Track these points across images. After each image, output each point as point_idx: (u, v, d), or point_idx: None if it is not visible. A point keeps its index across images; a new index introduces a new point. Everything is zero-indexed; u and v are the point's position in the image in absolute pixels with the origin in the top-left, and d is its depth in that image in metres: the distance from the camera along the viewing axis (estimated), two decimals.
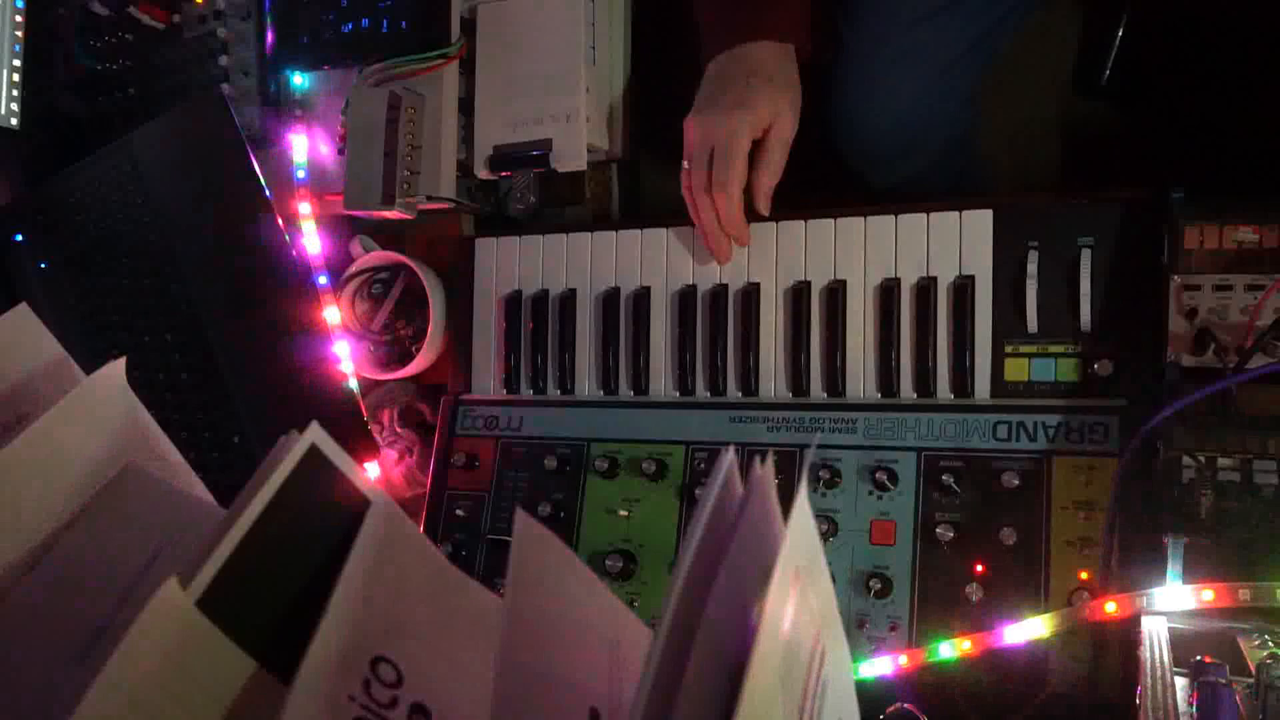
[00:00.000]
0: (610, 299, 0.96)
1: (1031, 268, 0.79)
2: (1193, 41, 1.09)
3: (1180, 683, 0.56)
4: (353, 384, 1.07)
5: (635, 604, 0.87)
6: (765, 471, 0.36)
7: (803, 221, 0.89)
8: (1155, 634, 0.61)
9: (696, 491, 0.87)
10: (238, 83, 1.18)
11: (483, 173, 1.03)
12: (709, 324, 0.91)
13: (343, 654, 0.36)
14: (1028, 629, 0.70)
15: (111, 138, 1.18)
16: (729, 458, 0.35)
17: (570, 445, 0.94)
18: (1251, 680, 0.54)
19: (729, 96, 0.85)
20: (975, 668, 0.73)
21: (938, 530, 0.77)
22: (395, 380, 1.09)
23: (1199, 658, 0.56)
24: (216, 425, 1.07)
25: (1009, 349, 0.81)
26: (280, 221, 1.07)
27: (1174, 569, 0.65)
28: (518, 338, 1.00)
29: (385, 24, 1.07)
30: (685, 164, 0.88)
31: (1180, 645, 0.60)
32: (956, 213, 0.83)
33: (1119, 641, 0.69)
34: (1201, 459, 0.67)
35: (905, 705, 0.73)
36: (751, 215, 0.88)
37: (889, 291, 0.84)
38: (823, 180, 1.01)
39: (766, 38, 0.86)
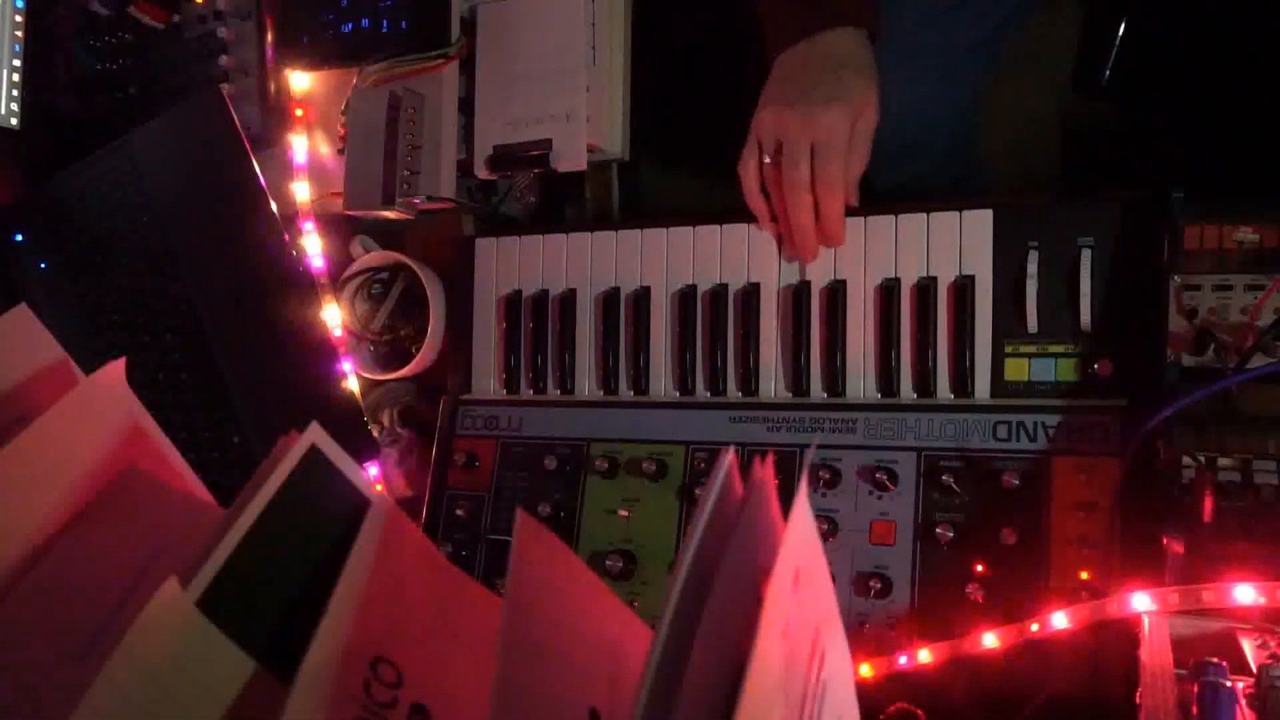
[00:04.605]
0: (610, 299, 0.96)
1: (1031, 268, 0.79)
2: (1193, 41, 1.09)
3: (1180, 683, 0.56)
4: (353, 384, 1.07)
5: (635, 604, 0.87)
6: (765, 471, 0.36)
7: None
8: (1155, 634, 0.61)
9: (696, 491, 0.87)
10: (238, 83, 1.18)
11: (483, 173, 1.03)
12: (709, 324, 0.91)
13: (343, 654, 0.36)
14: (1028, 629, 0.70)
15: (111, 138, 1.18)
16: (729, 458, 0.35)
17: (570, 445, 0.94)
18: (1251, 680, 0.54)
19: (823, 89, 0.82)
20: (975, 668, 0.73)
21: (938, 530, 0.77)
22: (395, 380, 1.09)
23: (1199, 658, 0.56)
24: (216, 425, 1.07)
25: (1009, 349, 0.81)
26: (280, 221, 1.08)
27: (1174, 569, 0.65)
28: (518, 338, 0.99)
29: (385, 24, 1.07)
30: (766, 159, 0.85)
31: (1180, 645, 0.60)
32: (956, 213, 0.83)
33: (1119, 641, 0.69)
34: (1201, 459, 0.67)
35: (905, 705, 0.73)
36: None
37: (889, 291, 0.84)
38: None
39: (846, 24, 0.84)
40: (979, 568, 0.76)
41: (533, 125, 1.00)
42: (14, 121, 1.26)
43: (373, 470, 1.05)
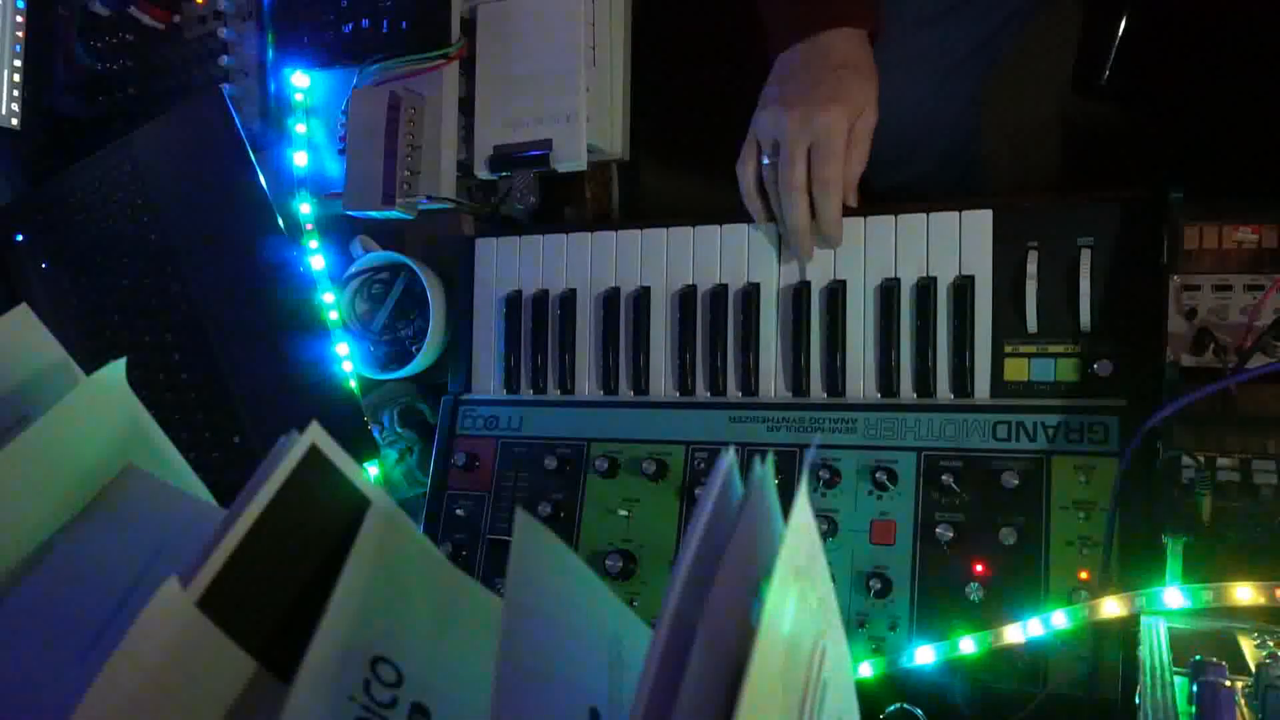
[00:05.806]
0: (610, 299, 0.96)
1: (1031, 268, 0.79)
2: (1193, 41, 1.09)
3: (1180, 683, 0.56)
4: (353, 384, 1.07)
5: (635, 604, 0.87)
6: (765, 471, 0.36)
7: None
8: (1155, 634, 0.61)
9: (696, 491, 0.87)
10: (238, 83, 1.18)
11: (483, 173, 1.03)
12: (709, 324, 0.91)
13: (343, 654, 0.36)
14: (1027, 629, 0.70)
15: (111, 138, 1.18)
16: (729, 458, 0.35)
17: (570, 445, 0.94)
18: (1251, 680, 0.54)
19: (823, 89, 0.82)
20: (975, 668, 0.73)
21: (938, 530, 0.77)
22: (395, 380, 1.09)
23: (1199, 658, 0.56)
24: (216, 425, 1.07)
25: (1009, 349, 0.81)
26: (280, 221, 1.07)
27: (1174, 569, 0.65)
28: (518, 338, 1.00)
29: (385, 24, 1.07)
30: (765, 159, 0.85)
31: (1180, 645, 0.60)
32: (956, 213, 0.83)
33: (1119, 641, 0.69)
34: (1201, 459, 0.67)
35: (905, 705, 0.73)
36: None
37: (889, 291, 0.84)
38: None
39: (846, 25, 0.84)
40: (979, 567, 0.76)
41: (533, 125, 1.00)
42: (14, 122, 1.26)
43: (373, 470, 1.05)
